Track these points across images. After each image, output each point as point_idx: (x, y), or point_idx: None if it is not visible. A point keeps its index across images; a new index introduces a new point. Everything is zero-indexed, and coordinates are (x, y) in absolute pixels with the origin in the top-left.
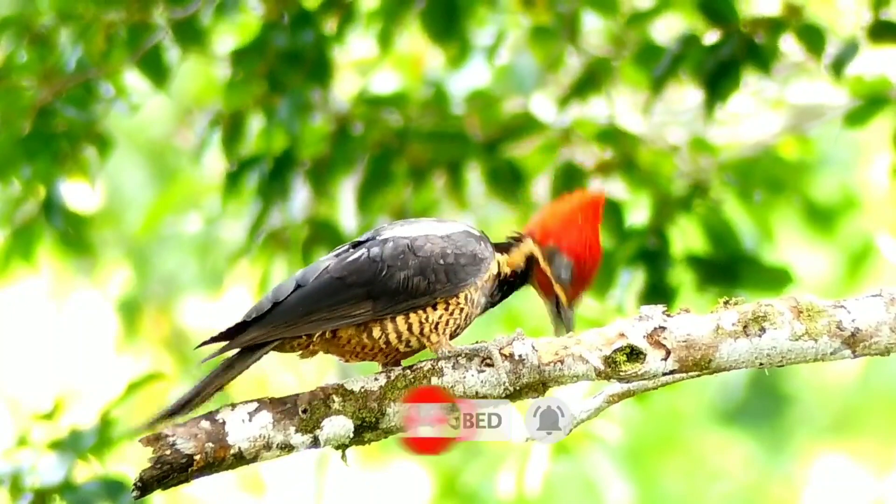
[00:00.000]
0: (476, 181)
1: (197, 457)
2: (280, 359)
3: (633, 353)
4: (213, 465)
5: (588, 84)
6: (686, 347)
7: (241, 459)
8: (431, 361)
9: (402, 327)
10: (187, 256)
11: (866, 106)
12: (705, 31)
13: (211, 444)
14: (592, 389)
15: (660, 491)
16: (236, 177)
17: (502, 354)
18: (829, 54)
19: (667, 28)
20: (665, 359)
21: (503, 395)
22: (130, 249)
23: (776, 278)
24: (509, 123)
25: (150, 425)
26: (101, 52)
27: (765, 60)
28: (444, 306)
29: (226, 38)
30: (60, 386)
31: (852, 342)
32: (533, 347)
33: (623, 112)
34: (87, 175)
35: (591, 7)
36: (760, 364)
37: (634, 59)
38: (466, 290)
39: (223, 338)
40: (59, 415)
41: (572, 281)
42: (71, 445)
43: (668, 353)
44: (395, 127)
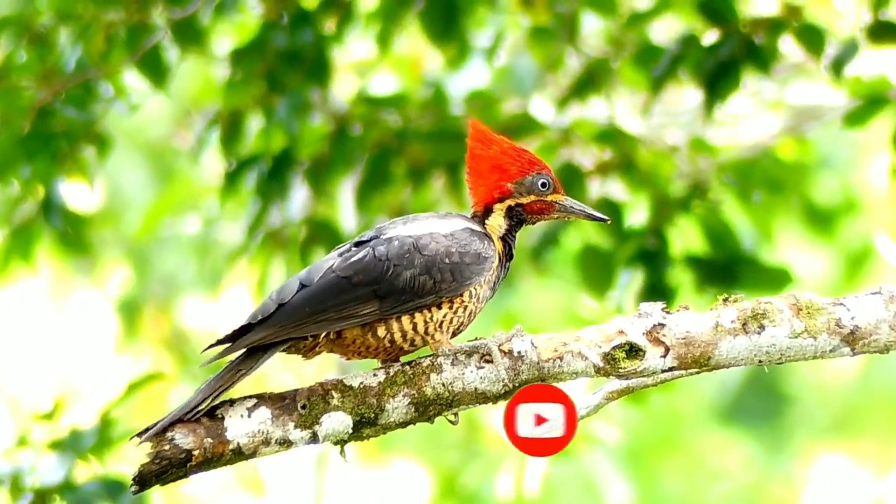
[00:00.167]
0: None
1: (195, 452)
2: (279, 355)
3: (633, 350)
4: (212, 460)
5: (587, 85)
6: (685, 344)
7: (239, 455)
8: (430, 358)
9: (408, 326)
10: (186, 257)
11: (866, 106)
12: (704, 31)
13: (210, 440)
14: (592, 386)
15: (660, 491)
16: (235, 176)
17: (501, 351)
18: (829, 55)
19: (666, 29)
20: (664, 356)
21: (502, 391)
22: (130, 249)
23: (775, 278)
24: (508, 124)
25: (157, 434)
26: (101, 52)
27: (764, 61)
28: (448, 305)
29: (225, 38)
30: (60, 386)
31: (852, 340)
32: (532, 344)
33: (622, 113)
34: (86, 175)
35: (590, 7)
36: (760, 361)
37: (633, 60)
38: (471, 289)
39: (228, 340)
40: (59, 415)
41: (552, 181)
42: (71, 445)
43: (667, 350)
44: (394, 127)
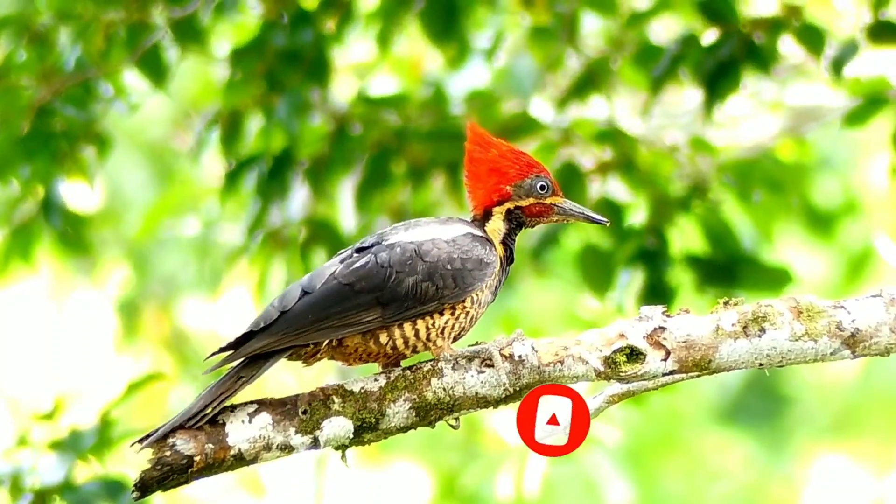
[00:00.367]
0: None
1: (197, 458)
2: (280, 361)
3: (633, 354)
4: (213, 466)
5: (587, 84)
6: (686, 348)
7: (240, 460)
8: (431, 362)
9: (410, 333)
10: (187, 257)
11: (865, 106)
12: (704, 31)
13: (211, 446)
14: (592, 390)
15: (660, 491)
16: (235, 176)
17: (502, 355)
18: (828, 55)
19: (665, 29)
20: (665, 359)
21: (503, 395)
22: (130, 250)
23: (776, 278)
24: (508, 124)
25: (158, 440)
26: (100, 51)
27: (764, 61)
28: (450, 311)
29: (225, 40)
30: (60, 386)
31: (852, 342)
32: (533, 348)
33: (622, 114)
34: (86, 175)
35: (590, 7)
36: (760, 364)
37: (633, 60)
38: (473, 294)
39: (231, 348)
40: (59, 415)
41: (551, 183)
42: (71, 445)
43: (667, 353)
44: (394, 127)
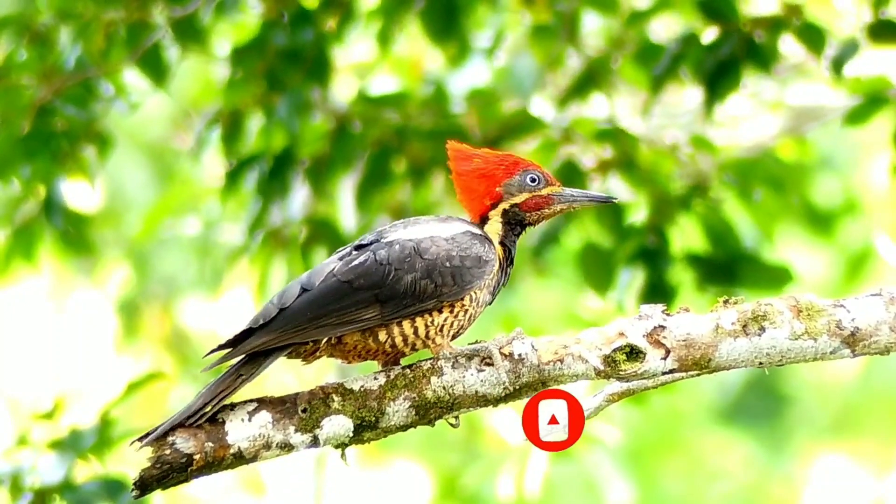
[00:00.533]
0: None
1: (196, 456)
2: (280, 359)
3: (633, 353)
4: (213, 464)
5: (588, 83)
6: (686, 346)
7: (240, 459)
8: (431, 361)
9: (409, 331)
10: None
11: (866, 105)
12: (704, 30)
13: (210, 444)
14: (592, 388)
15: (660, 491)
16: (235, 175)
17: (502, 354)
18: (829, 54)
19: (666, 27)
20: (665, 358)
21: (503, 394)
22: (130, 250)
23: (776, 277)
24: (509, 122)
25: (157, 438)
26: (101, 50)
27: (764, 59)
28: (449, 309)
29: (225, 39)
30: (60, 386)
31: (852, 341)
32: (532, 347)
33: (622, 113)
34: (87, 174)
35: (590, 6)
36: (760, 363)
37: (634, 59)
38: (472, 292)
39: (230, 345)
40: (59, 415)
41: (544, 176)
42: (71, 445)
43: (667, 352)
44: (394, 126)
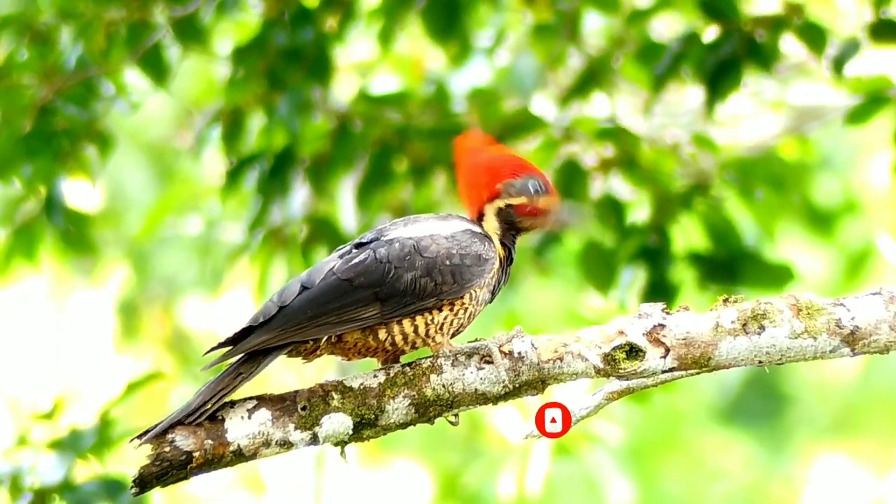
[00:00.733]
0: None
1: (196, 454)
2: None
3: (633, 351)
4: (213, 462)
5: (589, 82)
6: (685, 345)
7: (240, 456)
8: (431, 359)
9: (409, 329)
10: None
11: (867, 104)
12: (705, 29)
13: (210, 442)
14: (592, 386)
15: (660, 491)
16: (236, 174)
17: (502, 352)
18: (830, 54)
19: (667, 26)
20: (664, 356)
21: (502, 392)
22: (130, 249)
23: (777, 275)
24: (510, 121)
25: (157, 436)
26: (102, 50)
27: (766, 59)
28: (449, 308)
29: (226, 38)
30: (60, 386)
31: (852, 340)
32: (532, 345)
33: (624, 112)
34: (88, 173)
35: (591, 5)
36: (760, 362)
37: (635, 58)
38: (471, 291)
39: (229, 343)
40: (59, 415)
41: (547, 187)
42: (71, 445)
43: (667, 350)
44: (395, 125)
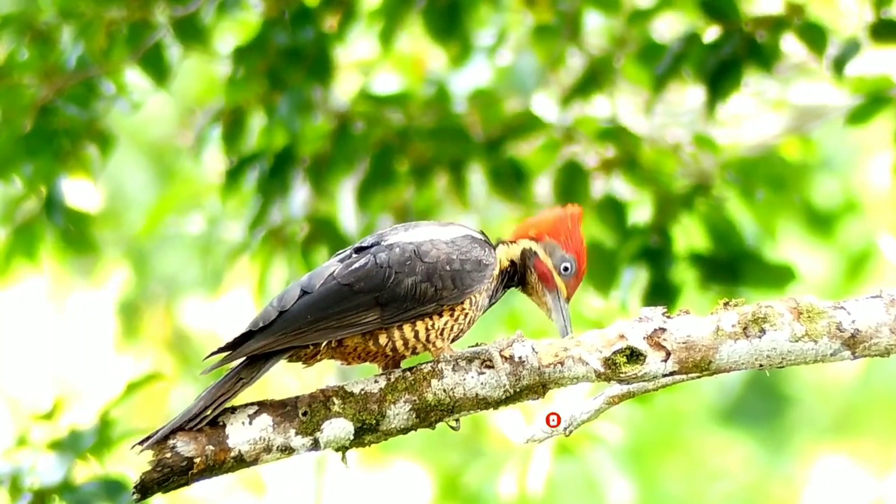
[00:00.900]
0: (478, 181)
1: (197, 460)
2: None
3: (633, 355)
4: (214, 467)
5: (590, 83)
6: (686, 349)
7: (241, 462)
8: (431, 364)
9: (409, 334)
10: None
11: (868, 104)
12: (706, 29)
13: (211, 447)
14: (593, 390)
15: (660, 491)
16: (236, 174)
17: (502, 356)
18: (830, 54)
19: (668, 26)
20: (665, 360)
21: (503, 396)
22: (130, 249)
23: (779, 276)
24: (511, 122)
25: (158, 442)
26: (102, 49)
27: (766, 59)
28: (449, 313)
29: (227, 38)
30: (60, 386)
31: (852, 343)
32: (533, 349)
33: (625, 112)
34: (88, 173)
35: (592, 5)
36: (760, 365)
37: (636, 58)
38: (471, 296)
39: (230, 348)
40: (59, 415)
41: (574, 275)
42: (70, 445)
43: (668, 354)
44: (396, 125)
